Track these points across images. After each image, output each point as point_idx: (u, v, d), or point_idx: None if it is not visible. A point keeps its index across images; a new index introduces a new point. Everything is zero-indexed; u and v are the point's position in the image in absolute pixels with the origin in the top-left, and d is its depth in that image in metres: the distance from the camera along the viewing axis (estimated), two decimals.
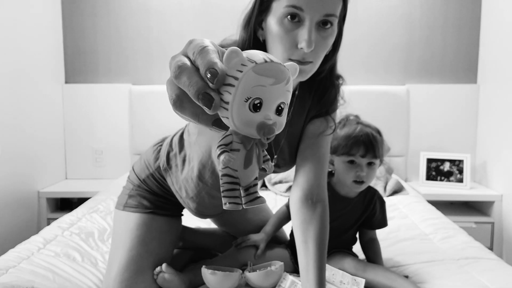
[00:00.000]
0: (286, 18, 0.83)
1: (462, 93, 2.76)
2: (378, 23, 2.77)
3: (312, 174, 1.03)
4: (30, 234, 2.36)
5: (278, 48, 0.86)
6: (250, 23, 0.90)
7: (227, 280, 1.11)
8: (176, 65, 0.39)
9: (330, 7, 0.82)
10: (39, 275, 1.24)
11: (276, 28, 0.84)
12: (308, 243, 0.99)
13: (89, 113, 2.78)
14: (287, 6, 0.82)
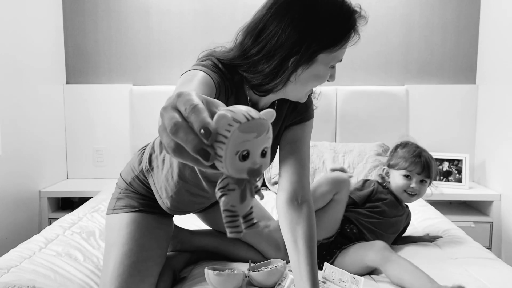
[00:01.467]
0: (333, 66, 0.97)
1: (461, 94, 2.77)
2: (377, 24, 2.78)
3: (295, 177, 1.08)
4: (31, 234, 2.37)
5: (314, 84, 0.98)
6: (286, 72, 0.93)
7: (231, 280, 1.13)
8: (172, 123, 0.45)
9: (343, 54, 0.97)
10: (41, 274, 1.25)
11: (324, 72, 0.96)
12: (297, 242, 1.04)
13: (90, 113, 2.80)
14: (336, 60, 0.96)
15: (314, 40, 0.89)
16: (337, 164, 2.51)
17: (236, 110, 0.48)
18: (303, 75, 0.95)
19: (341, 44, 0.92)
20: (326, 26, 0.89)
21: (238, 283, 1.15)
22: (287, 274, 1.15)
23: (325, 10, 0.89)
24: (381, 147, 2.61)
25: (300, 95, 1.01)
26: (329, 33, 0.90)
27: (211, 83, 0.87)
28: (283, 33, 0.90)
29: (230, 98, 0.99)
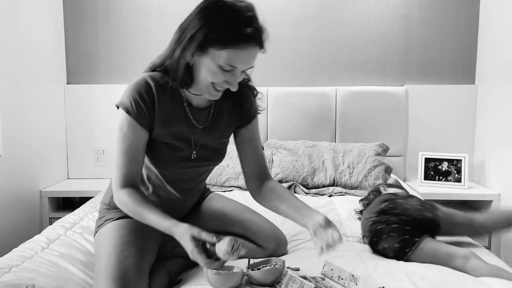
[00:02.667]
0: (223, 68, 1.09)
1: (460, 94, 2.78)
2: (377, 24, 2.79)
3: (258, 166, 1.34)
4: (32, 233, 2.38)
5: (208, 78, 1.12)
6: (186, 52, 1.10)
7: (230, 279, 1.14)
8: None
9: (252, 63, 1.14)
10: (42, 274, 1.26)
11: (213, 69, 1.10)
12: (280, 196, 1.27)
13: (91, 114, 2.81)
14: (227, 64, 1.08)
15: (208, 30, 1.06)
16: (337, 163, 2.52)
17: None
18: (197, 63, 1.12)
19: (227, 45, 1.06)
20: (222, 24, 1.06)
21: (237, 281, 1.15)
22: (286, 272, 1.16)
23: (229, 13, 1.07)
24: (381, 147, 2.62)
25: (203, 89, 1.16)
26: (221, 31, 1.05)
27: (135, 125, 1.15)
28: (191, 25, 1.10)
29: (162, 110, 1.18)
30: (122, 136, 1.16)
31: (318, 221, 1.09)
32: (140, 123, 1.17)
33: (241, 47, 1.07)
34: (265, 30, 1.12)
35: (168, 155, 1.24)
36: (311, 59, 2.84)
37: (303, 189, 2.44)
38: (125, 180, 1.18)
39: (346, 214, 2.03)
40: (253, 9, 1.10)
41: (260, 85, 2.83)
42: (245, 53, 1.09)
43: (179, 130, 1.23)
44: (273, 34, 3.00)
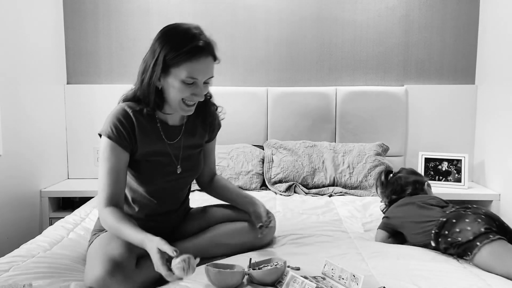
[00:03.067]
0: (186, 82, 1.26)
1: (460, 94, 2.78)
2: (377, 24, 2.79)
3: (210, 169, 1.61)
4: (32, 233, 2.38)
5: (177, 97, 1.28)
6: (152, 77, 1.27)
7: (231, 278, 1.15)
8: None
9: (211, 73, 1.30)
10: (42, 274, 1.26)
11: (177, 86, 1.26)
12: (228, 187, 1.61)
13: (91, 114, 2.81)
14: (188, 77, 1.25)
15: (166, 52, 1.23)
16: (337, 163, 2.52)
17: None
18: (165, 86, 1.29)
19: (184, 60, 1.23)
20: (175, 44, 1.23)
21: (238, 280, 1.16)
22: (287, 271, 1.16)
23: (179, 34, 1.26)
24: (381, 147, 2.62)
25: (175, 106, 1.31)
26: (176, 49, 1.23)
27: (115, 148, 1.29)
28: (152, 54, 1.27)
29: (141, 133, 1.32)
30: (105, 159, 1.29)
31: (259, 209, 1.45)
32: (121, 146, 1.30)
33: (196, 59, 1.24)
34: (214, 43, 1.31)
35: (153, 171, 1.37)
36: (311, 59, 2.84)
37: (303, 189, 2.44)
38: (109, 199, 1.29)
39: (346, 214, 2.04)
40: (199, 28, 1.30)
41: (260, 85, 2.85)
42: (201, 64, 1.26)
43: (157, 148, 1.37)
44: (273, 34, 3.02)
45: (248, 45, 2.83)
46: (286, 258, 1.41)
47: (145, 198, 1.41)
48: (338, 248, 1.52)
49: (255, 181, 2.50)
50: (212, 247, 1.46)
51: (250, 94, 2.79)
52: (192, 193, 2.35)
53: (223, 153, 2.59)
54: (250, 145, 2.71)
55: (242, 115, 2.79)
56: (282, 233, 1.70)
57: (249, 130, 2.80)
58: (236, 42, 2.82)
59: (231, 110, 2.79)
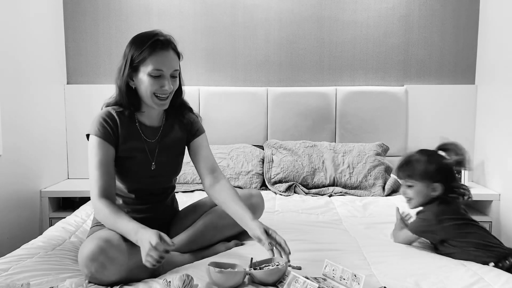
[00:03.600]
0: (152, 75, 1.38)
1: (460, 94, 2.78)
2: (377, 24, 2.79)
3: (210, 169, 1.56)
4: (32, 233, 2.38)
5: (148, 90, 1.39)
6: (123, 76, 1.40)
7: (232, 277, 1.15)
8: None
9: (175, 65, 1.43)
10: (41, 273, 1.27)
11: (147, 80, 1.38)
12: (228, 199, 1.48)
13: (91, 114, 2.78)
14: (154, 69, 1.37)
15: (133, 53, 1.39)
16: (337, 163, 2.52)
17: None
18: (137, 83, 1.41)
19: (148, 55, 1.36)
20: (139, 43, 1.39)
21: (239, 280, 1.16)
22: (289, 272, 1.16)
23: (142, 36, 1.42)
24: (381, 147, 2.62)
25: (149, 101, 1.41)
26: (139, 48, 1.38)
27: (103, 143, 1.42)
28: (123, 58, 1.43)
29: (123, 130, 1.44)
30: (94, 155, 1.41)
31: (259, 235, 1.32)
32: (107, 141, 1.42)
33: (158, 52, 1.38)
34: (174, 39, 1.45)
35: (130, 166, 1.47)
36: (311, 59, 2.84)
37: (303, 189, 2.44)
38: (101, 191, 1.37)
39: (346, 213, 2.04)
40: (159, 30, 1.44)
41: (260, 85, 2.85)
42: (164, 57, 1.39)
43: (135, 145, 1.47)
44: (273, 34, 3.01)
45: (248, 45, 2.83)
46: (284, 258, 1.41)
47: (126, 194, 1.51)
48: (339, 248, 1.52)
49: (255, 181, 2.50)
50: (208, 230, 1.53)
51: (250, 94, 2.79)
52: (191, 193, 2.37)
53: (223, 153, 2.59)
54: (250, 145, 2.70)
55: (242, 115, 2.79)
56: (282, 233, 1.69)
57: (249, 130, 2.80)
58: (236, 42, 2.82)
59: (231, 110, 2.81)
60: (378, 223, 1.87)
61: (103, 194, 1.36)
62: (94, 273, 1.18)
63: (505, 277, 1.25)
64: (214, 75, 2.84)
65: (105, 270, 1.19)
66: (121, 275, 1.22)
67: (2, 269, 1.27)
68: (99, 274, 1.19)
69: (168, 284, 1.15)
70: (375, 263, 1.39)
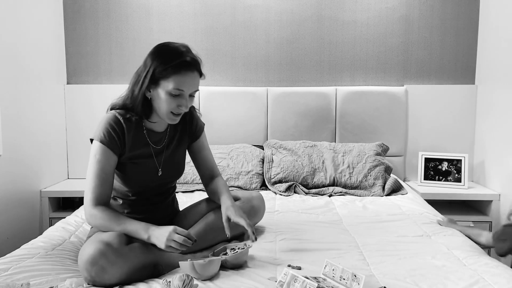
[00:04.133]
0: (173, 93, 1.37)
1: (460, 94, 2.78)
2: (377, 24, 2.79)
3: (208, 169, 1.66)
4: (32, 233, 2.38)
5: (164, 107, 1.39)
6: (142, 87, 1.38)
7: (217, 265, 1.28)
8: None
9: (196, 86, 1.41)
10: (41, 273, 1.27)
11: (165, 97, 1.37)
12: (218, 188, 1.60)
13: (91, 114, 2.80)
14: (175, 89, 1.36)
15: (156, 66, 1.36)
16: (337, 163, 2.52)
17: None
18: (154, 96, 1.40)
19: (172, 73, 1.34)
20: (165, 58, 1.36)
21: (217, 268, 1.29)
22: (287, 271, 1.16)
23: (169, 50, 1.39)
24: (381, 147, 2.62)
25: (163, 116, 1.42)
26: (165, 63, 1.35)
27: (107, 151, 1.39)
28: (144, 66, 1.39)
29: (130, 138, 1.42)
30: (96, 162, 1.39)
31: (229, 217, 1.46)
32: (112, 150, 1.39)
33: (182, 73, 1.36)
34: (200, 60, 1.42)
35: (136, 173, 1.47)
36: (311, 59, 2.84)
37: (303, 189, 2.44)
38: (98, 199, 1.38)
39: (346, 213, 2.04)
40: (187, 46, 1.42)
41: (260, 85, 2.85)
42: (187, 78, 1.37)
43: (142, 152, 1.47)
44: (273, 34, 3.01)
45: (248, 45, 2.83)
46: (286, 258, 1.42)
47: (127, 196, 1.51)
48: (339, 248, 1.52)
49: (255, 181, 2.50)
50: (209, 232, 1.54)
51: (250, 94, 2.79)
52: (191, 193, 2.37)
53: (223, 153, 2.59)
54: (250, 145, 2.70)
55: (242, 115, 2.79)
56: (282, 234, 1.70)
57: (249, 130, 2.80)
58: (236, 42, 2.82)
59: (231, 110, 2.81)
60: (378, 223, 1.87)
61: (99, 202, 1.38)
62: (94, 276, 1.19)
63: (505, 277, 1.25)
64: (214, 75, 2.84)
65: (105, 274, 1.19)
66: (121, 278, 1.22)
67: (2, 269, 1.27)
68: (99, 278, 1.19)
69: (168, 284, 1.16)
70: (375, 263, 1.39)
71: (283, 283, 1.13)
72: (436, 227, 1.78)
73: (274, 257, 1.44)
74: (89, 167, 1.41)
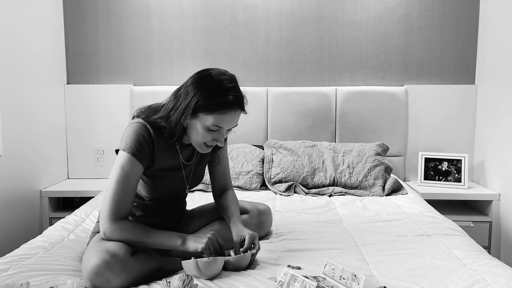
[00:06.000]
0: (211, 129, 1.33)
1: (460, 94, 2.78)
2: (377, 24, 2.79)
3: (222, 181, 1.65)
4: (32, 233, 2.38)
5: (199, 139, 1.36)
6: (181, 118, 1.32)
7: (220, 264, 1.26)
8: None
9: (236, 123, 1.38)
10: (40, 273, 1.27)
11: (202, 131, 1.33)
12: (228, 207, 1.56)
13: (91, 113, 2.81)
14: (214, 125, 1.31)
15: (198, 99, 1.29)
16: (337, 163, 2.52)
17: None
18: (190, 125, 1.34)
19: (213, 111, 1.29)
20: (209, 93, 1.29)
21: (220, 267, 1.28)
22: (287, 271, 1.16)
23: (214, 84, 1.31)
24: (381, 147, 2.62)
25: (195, 145, 1.39)
26: (208, 99, 1.29)
27: (136, 163, 1.32)
28: (185, 94, 1.32)
29: (159, 151, 1.37)
30: (123, 174, 1.31)
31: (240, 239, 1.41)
32: (141, 162, 1.33)
33: (224, 112, 1.31)
34: (245, 97, 1.38)
35: (163, 185, 1.44)
36: (311, 59, 2.84)
37: (303, 189, 2.44)
38: (119, 213, 1.30)
39: (346, 213, 2.04)
40: (235, 80, 1.35)
41: (260, 85, 2.85)
42: (228, 117, 1.33)
43: (171, 167, 1.44)
44: (273, 34, 3.01)
45: (248, 45, 2.83)
46: (286, 258, 1.42)
47: (143, 199, 1.47)
48: (338, 248, 1.52)
49: (255, 181, 2.50)
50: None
51: (250, 94, 2.76)
52: (191, 193, 2.37)
53: None
54: (250, 145, 2.70)
55: (242, 115, 2.78)
56: (282, 234, 1.70)
57: (249, 130, 2.80)
58: (236, 42, 2.82)
59: None
60: (378, 222, 1.87)
61: (120, 216, 1.30)
62: (97, 286, 1.17)
63: (505, 276, 1.24)
64: None
65: (109, 285, 1.17)
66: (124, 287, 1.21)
67: (2, 269, 1.27)
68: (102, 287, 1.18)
69: (168, 284, 1.16)
70: (375, 262, 1.39)
71: (283, 283, 1.13)
72: (437, 228, 1.78)
73: (274, 257, 1.44)
74: (113, 178, 1.31)
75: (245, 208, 1.66)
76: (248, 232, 1.40)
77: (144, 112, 1.40)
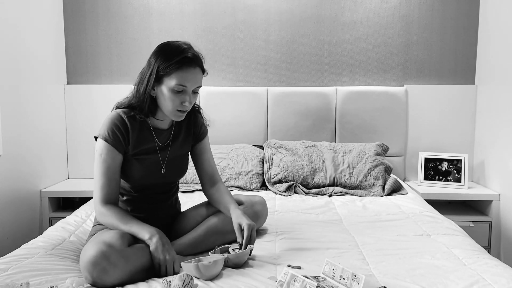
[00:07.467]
0: (176, 90, 1.39)
1: (460, 94, 2.78)
2: (377, 24, 2.79)
3: (210, 173, 1.66)
4: (32, 233, 2.38)
5: (169, 104, 1.41)
6: (148, 86, 1.42)
7: (220, 265, 1.27)
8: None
9: (199, 82, 1.44)
10: (40, 272, 1.27)
11: (168, 94, 1.40)
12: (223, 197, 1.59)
13: (91, 114, 2.80)
14: (177, 85, 1.38)
15: (159, 64, 1.39)
16: (337, 163, 2.53)
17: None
18: (158, 94, 1.42)
19: (174, 70, 1.37)
20: (167, 56, 1.39)
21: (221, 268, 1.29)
22: (287, 271, 1.16)
23: (170, 48, 1.41)
24: (381, 147, 2.62)
25: (168, 113, 1.44)
26: (167, 61, 1.38)
27: (111, 149, 1.42)
28: (148, 65, 1.43)
29: (134, 135, 1.45)
30: (102, 161, 1.41)
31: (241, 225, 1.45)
32: (116, 148, 1.42)
33: (184, 69, 1.38)
34: (202, 56, 1.47)
35: (140, 169, 1.48)
36: (311, 59, 2.84)
37: (303, 189, 2.44)
38: (106, 197, 1.40)
39: (346, 213, 2.04)
40: (189, 44, 1.45)
41: (260, 85, 2.85)
42: (190, 74, 1.40)
43: (147, 149, 1.49)
44: (273, 34, 3.01)
45: (248, 45, 2.83)
46: (286, 257, 1.42)
47: (130, 192, 1.52)
48: (338, 248, 1.52)
49: (255, 181, 2.50)
50: (210, 235, 1.54)
51: (250, 94, 2.80)
52: (191, 193, 2.37)
53: (223, 153, 2.59)
54: (250, 145, 2.70)
55: (242, 115, 2.79)
56: (282, 233, 1.70)
57: (249, 130, 2.80)
58: (236, 42, 2.82)
59: (231, 110, 2.81)
60: (378, 222, 1.87)
61: (107, 200, 1.40)
62: (95, 277, 1.19)
63: (505, 276, 1.25)
64: (214, 75, 2.84)
65: (107, 275, 1.19)
66: (122, 279, 1.22)
67: (2, 269, 1.27)
68: (100, 279, 1.19)
69: (168, 284, 1.16)
70: (375, 262, 1.39)
71: (283, 283, 1.13)
72: (437, 228, 1.78)
73: (274, 257, 1.44)
74: (95, 166, 1.43)
75: (240, 200, 1.70)
76: (247, 222, 1.44)
77: (119, 102, 1.52)
